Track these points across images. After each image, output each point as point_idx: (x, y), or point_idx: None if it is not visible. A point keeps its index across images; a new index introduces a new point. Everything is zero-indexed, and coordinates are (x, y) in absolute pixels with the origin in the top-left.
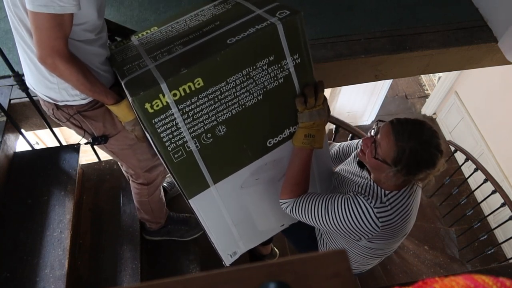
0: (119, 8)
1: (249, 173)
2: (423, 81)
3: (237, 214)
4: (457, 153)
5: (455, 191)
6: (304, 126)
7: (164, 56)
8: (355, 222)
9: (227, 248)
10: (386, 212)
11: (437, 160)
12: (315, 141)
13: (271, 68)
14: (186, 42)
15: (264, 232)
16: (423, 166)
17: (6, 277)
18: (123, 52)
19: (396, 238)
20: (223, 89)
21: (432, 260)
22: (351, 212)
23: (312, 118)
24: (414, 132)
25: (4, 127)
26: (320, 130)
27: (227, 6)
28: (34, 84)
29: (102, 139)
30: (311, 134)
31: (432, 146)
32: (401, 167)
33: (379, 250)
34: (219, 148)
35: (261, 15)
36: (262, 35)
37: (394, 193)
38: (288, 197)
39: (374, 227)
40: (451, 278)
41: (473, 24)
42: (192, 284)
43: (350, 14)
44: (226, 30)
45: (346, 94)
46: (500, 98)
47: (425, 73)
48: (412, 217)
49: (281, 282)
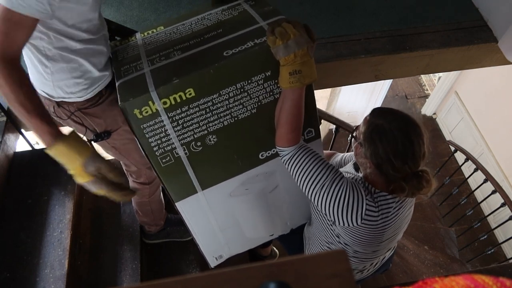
0: (119, 8)
1: (239, 183)
2: (423, 81)
3: (225, 220)
4: (457, 153)
5: (455, 191)
6: (285, 63)
7: (161, 61)
8: (345, 200)
9: (212, 251)
10: (373, 209)
11: (403, 148)
12: (303, 76)
13: (267, 83)
14: (185, 48)
15: (253, 239)
16: (386, 147)
17: (6, 277)
18: (125, 51)
19: (370, 242)
20: (215, 101)
21: (432, 260)
22: (346, 189)
23: (289, 50)
24: (386, 113)
25: (4, 127)
26: (306, 62)
27: (234, 12)
28: (33, 80)
29: (105, 135)
30: (296, 70)
31: (399, 130)
32: (364, 140)
33: (357, 253)
34: (209, 156)
35: (264, 27)
36: (258, 51)
37: (383, 193)
38: (287, 145)
39: (356, 217)
40: (451, 278)
41: (473, 24)
42: (192, 284)
43: (350, 14)
44: (225, 40)
45: (346, 94)
46: (500, 98)
47: (425, 73)
48: (393, 227)
49: (281, 282)
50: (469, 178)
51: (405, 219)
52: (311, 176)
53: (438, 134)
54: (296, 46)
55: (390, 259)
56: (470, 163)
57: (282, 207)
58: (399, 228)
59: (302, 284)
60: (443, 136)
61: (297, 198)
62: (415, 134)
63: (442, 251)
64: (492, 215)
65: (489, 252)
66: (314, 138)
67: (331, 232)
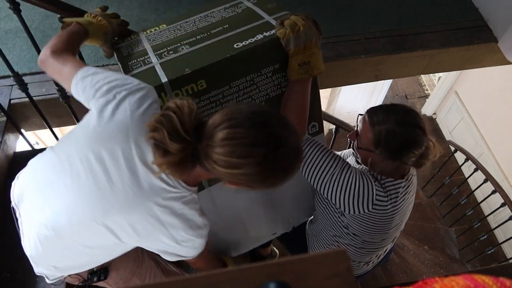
0: (119, 8)
1: None
2: (423, 81)
3: (229, 219)
4: (457, 153)
5: (455, 191)
6: (294, 54)
7: (169, 55)
8: (355, 187)
9: (216, 252)
10: (381, 194)
11: (418, 138)
12: (312, 68)
13: (276, 76)
14: (193, 42)
15: (255, 238)
16: (405, 145)
17: (6, 277)
18: (130, 47)
19: (379, 229)
20: (225, 93)
21: (432, 260)
22: (356, 177)
23: (299, 41)
24: (387, 114)
25: (4, 127)
26: (314, 53)
27: (237, 10)
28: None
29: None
30: (305, 62)
31: (408, 124)
32: (382, 149)
33: (366, 243)
34: None
35: (270, 22)
36: (269, 43)
37: (389, 179)
38: None
39: (367, 203)
40: (451, 278)
41: (473, 24)
42: (192, 284)
43: (350, 14)
44: (234, 34)
45: (346, 94)
46: (500, 98)
47: (425, 73)
48: (400, 213)
49: (281, 282)
50: (469, 178)
51: (409, 206)
52: (320, 166)
53: (438, 134)
54: (306, 37)
55: (391, 250)
56: (470, 163)
57: (285, 204)
58: (405, 215)
59: (302, 284)
60: (443, 136)
61: (300, 194)
62: (418, 118)
63: (442, 251)
64: (492, 215)
65: (489, 252)
66: (318, 133)
67: (339, 224)
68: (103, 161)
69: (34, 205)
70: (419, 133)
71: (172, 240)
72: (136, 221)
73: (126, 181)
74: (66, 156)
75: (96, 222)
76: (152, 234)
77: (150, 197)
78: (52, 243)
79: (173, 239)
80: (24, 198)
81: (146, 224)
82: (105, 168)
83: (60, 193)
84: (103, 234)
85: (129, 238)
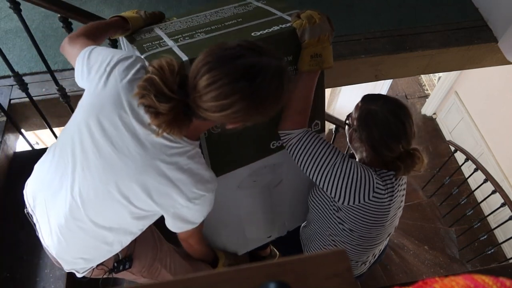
0: (119, 8)
1: (248, 174)
2: (423, 81)
3: (227, 216)
4: (457, 153)
5: (455, 191)
6: (308, 45)
7: (185, 39)
8: (356, 177)
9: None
10: (380, 184)
11: (397, 130)
12: (323, 61)
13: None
14: (208, 31)
15: (251, 240)
16: (381, 130)
17: (6, 277)
18: (142, 33)
19: (375, 222)
20: None
21: (432, 260)
22: (356, 167)
23: (314, 34)
24: (379, 100)
25: (4, 127)
26: (326, 47)
27: (248, 8)
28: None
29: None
30: (317, 54)
31: (394, 115)
32: (360, 127)
33: (362, 239)
34: (226, 139)
35: (284, 17)
36: (286, 33)
37: (384, 170)
38: (294, 127)
39: (368, 192)
40: (451, 278)
41: (473, 24)
42: (192, 284)
43: (350, 14)
44: (249, 25)
45: (346, 94)
46: (500, 98)
47: (425, 73)
48: (395, 206)
49: (281, 282)
50: (469, 178)
51: (402, 199)
52: (321, 156)
53: (438, 134)
54: (321, 30)
55: (384, 249)
56: (470, 163)
57: (282, 205)
58: (399, 210)
59: (302, 284)
60: (443, 136)
61: (297, 196)
62: (405, 116)
63: (442, 251)
64: (492, 215)
65: (489, 252)
66: (320, 132)
67: (335, 221)
68: (105, 130)
69: (47, 203)
70: (400, 127)
71: (185, 198)
72: (148, 183)
73: (130, 146)
74: (70, 139)
75: (111, 196)
76: (164, 194)
77: (155, 156)
78: (71, 230)
79: (185, 197)
80: (37, 201)
81: (157, 185)
82: (109, 138)
83: (69, 181)
84: (119, 207)
85: (144, 204)
